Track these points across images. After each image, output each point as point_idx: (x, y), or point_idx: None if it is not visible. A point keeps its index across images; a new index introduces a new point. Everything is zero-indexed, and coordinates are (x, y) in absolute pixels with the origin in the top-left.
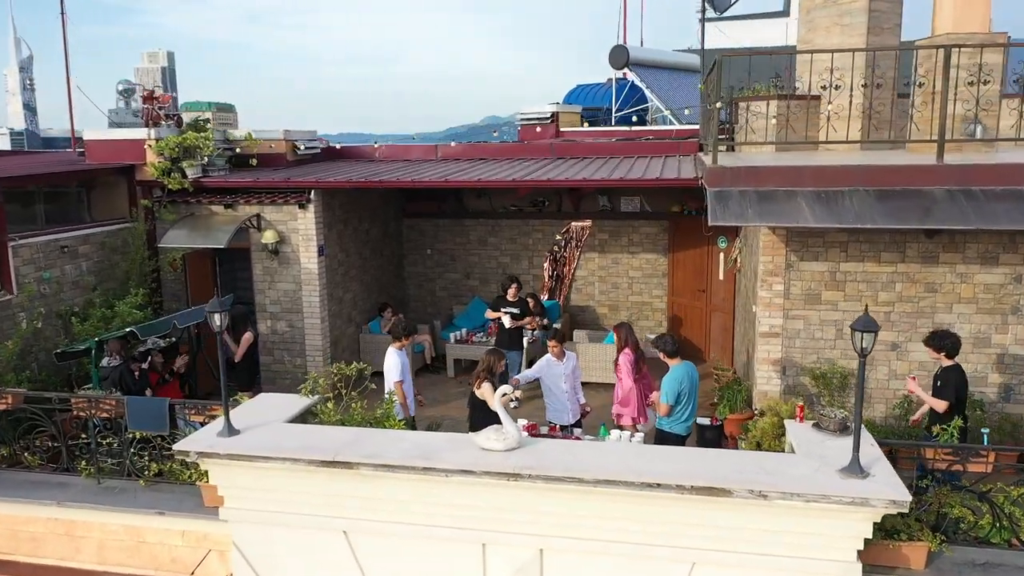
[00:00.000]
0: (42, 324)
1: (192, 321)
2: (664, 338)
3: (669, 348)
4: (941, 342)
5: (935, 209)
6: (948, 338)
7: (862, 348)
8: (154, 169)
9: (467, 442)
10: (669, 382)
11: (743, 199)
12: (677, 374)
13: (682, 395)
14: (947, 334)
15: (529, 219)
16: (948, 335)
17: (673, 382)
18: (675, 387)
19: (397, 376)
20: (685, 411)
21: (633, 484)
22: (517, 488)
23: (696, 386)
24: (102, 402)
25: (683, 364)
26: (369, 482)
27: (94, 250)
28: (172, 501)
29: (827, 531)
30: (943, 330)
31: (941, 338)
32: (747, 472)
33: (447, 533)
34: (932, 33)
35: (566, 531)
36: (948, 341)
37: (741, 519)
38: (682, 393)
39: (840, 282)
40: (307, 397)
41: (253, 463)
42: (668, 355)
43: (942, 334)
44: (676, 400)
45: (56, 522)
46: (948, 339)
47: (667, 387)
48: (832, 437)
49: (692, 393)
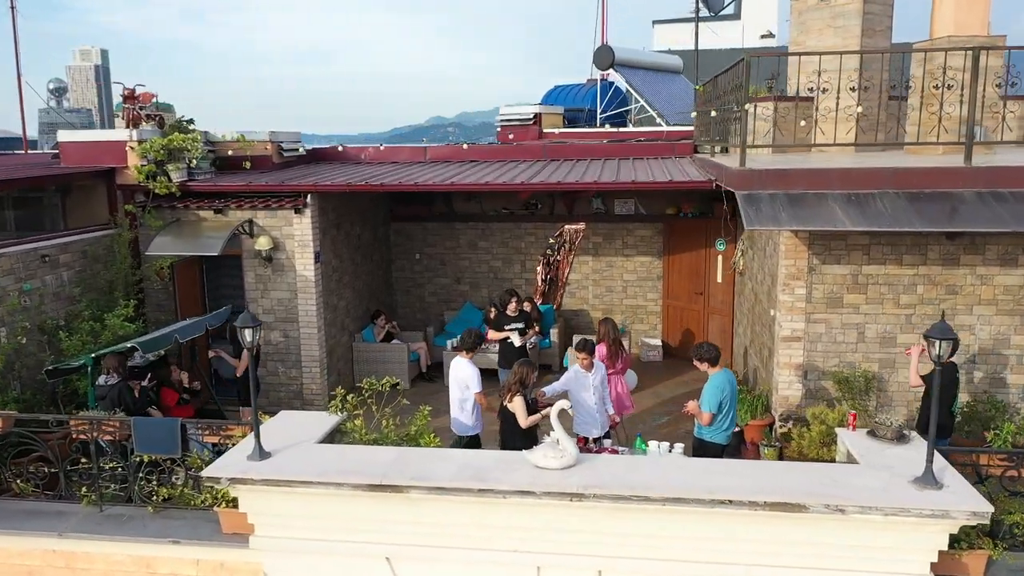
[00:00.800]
0: (25, 339)
1: (195, 334)
2: (703, 346)
3: (711, 356)
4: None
5: (967, 211)
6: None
7: (939, 356)
8: (138, 172)
9: (519, 460)
10: (710, 391)
11: (774, 202)
12: (718, 382)
13: (723, 403)
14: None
15: (521, 222)
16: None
17: (714, 390)
18: (716, 396)
19: (478, 387)
20: (726, 420)
21: (703, 501)
22: (576, 508)
23: (736, 394)
24: (105, 423)
25: (723, 372)
26: (416, 505)
27: (75, 259)
28: (185, 528)
29: (902, 544)
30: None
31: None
32: (818, 485)
33: (498, 556)
34: (931, 35)
35: (626, 551)
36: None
37: (812, 534)
38: (723, 401)
39: (862, 285)
40: (335, 414)
41: (291, 488)
42: (710, 363)
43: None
44: (718, 408)
45: (54, 554)
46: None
47: (708, 396)
48: (890, 446)
49: (732, 401)
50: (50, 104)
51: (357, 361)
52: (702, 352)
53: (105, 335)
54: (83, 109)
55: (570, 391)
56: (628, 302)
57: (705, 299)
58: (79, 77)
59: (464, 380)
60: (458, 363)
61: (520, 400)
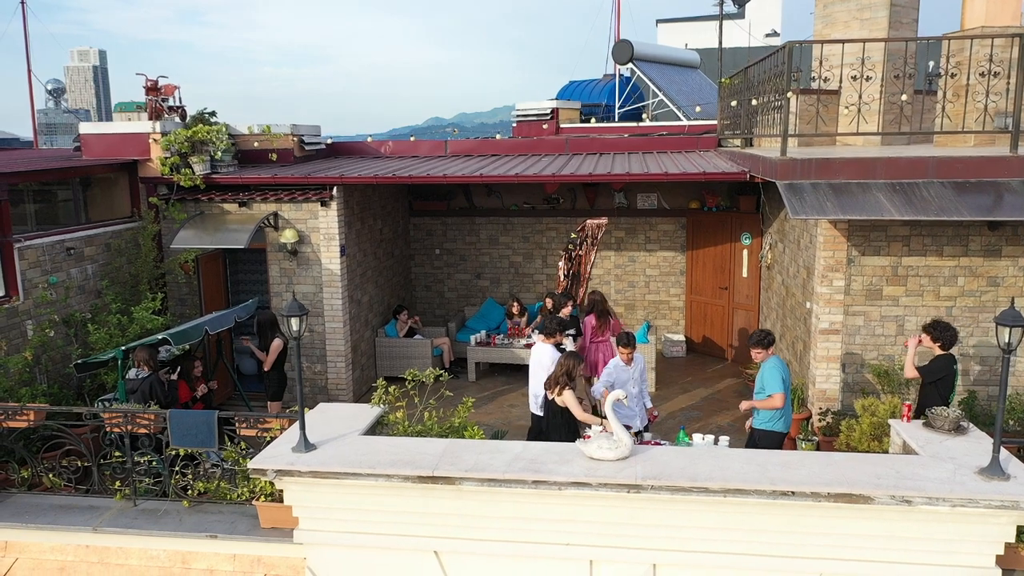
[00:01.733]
0: (53, 332)
1: (223, 327)
2: (760, 332)
3: (767, 340)
4: (942, 333)
5: (1014, 201)
6: (949, 330)
7: (1008, 343)
8: (162, 165)
9: (573, 452)
10: (772, 372)
11: (817, 192)
12: (776, 362)
13: (786, 383)
14: (948, 326)
15: (542, 217)
16: (949, 327)
17: (776, 371)
18: (779, 375)
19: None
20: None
21: (765, 492)
22: (632, 500)
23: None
24: (140, 417)
25: (776, 356)
26: (466, 498)
27: (99, 252)
28: (222, 523)
29: (967, 536)
30: (944, 322)
31: (943, 329)
32: (884, 477)
33: (551, 550)
34: (962, 26)
35: (682, 544)
36: (948, 333)
37: (876, 526)
38: (786, 380)
39: (902, 276)
40: (377, 406)
41: (340, 481)
42: (764, 347)
43: (944, 325)
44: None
45: (87, 549)
46: (949, 331)
47: (771, 378)
48: (948, 437)
49: (789, 387)
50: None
51: (380, 356)
52: (754, 339)
53: (132, 328)
54: (81, 110)
55: (614, 384)
56: (651, 297)
57: (730, 294)
58: (77, 78)
59: (547, 364)
60: (541, 348)
61: (571, 393)
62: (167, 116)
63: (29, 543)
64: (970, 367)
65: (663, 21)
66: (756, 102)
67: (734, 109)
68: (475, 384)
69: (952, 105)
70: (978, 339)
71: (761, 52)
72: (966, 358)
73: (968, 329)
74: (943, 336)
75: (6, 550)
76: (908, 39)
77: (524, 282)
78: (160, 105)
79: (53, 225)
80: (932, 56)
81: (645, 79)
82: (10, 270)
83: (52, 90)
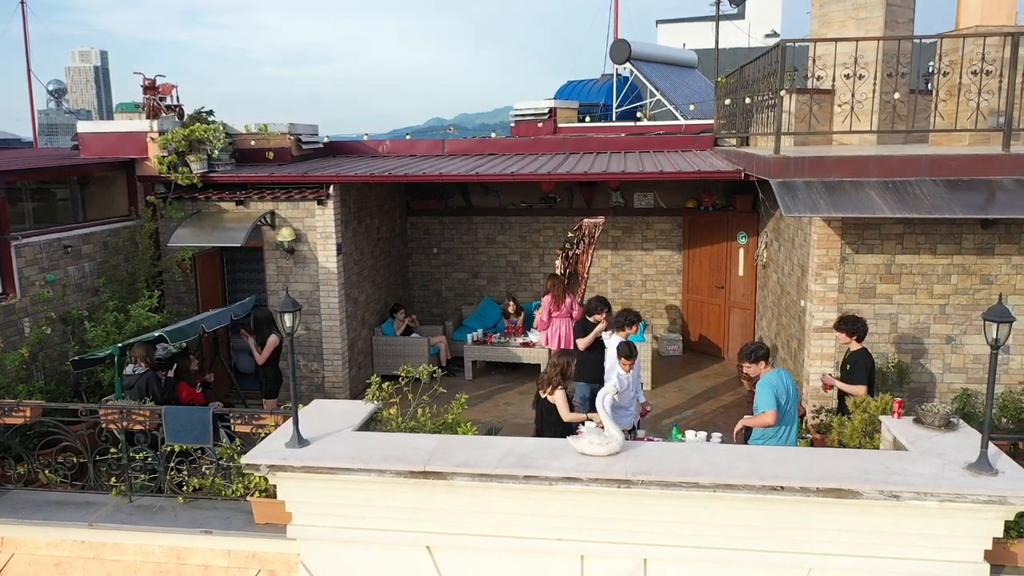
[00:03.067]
0: (50, 330)
1: (219, 324)
2: (745, 347)
3: (755, 354)
4: (853, 326)
5: (1006, 199)
6: (859, 323)
7: (995, 339)
8: (159, 163)
9: (564, 447)
10: (762, 387)
11: (810, 189)
12: (770, 378)
13: (780, 399)
14: (857, 319)
15: (539, 216)
16: (859, 320)
17: (766, 387)
18: (770, 391)
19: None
20: (786, 427)
21: (754, 488)
22: (623, 495)
23: (796, 397)
24: (136, 412)
25: (775, 371)
26: (458, 493)
27: (96, 250)
28: (217, 519)
29: (955, 531)
30: (852, 315)
31: (853, 323)
32: (872, 472)
33: (542, 545)
34: (957, 25)
35: (673, 539)
36: (860, 325)
37: (865, 521)
38: (779, 397)
39: (895, 275)
40: (370, 403)
41: (333, 476)
42: (751, 361)
43: (853, 319)
44: (778, 405)
45: (83, 545)
46: (859, 323)
47: (761, 394)
48: (938, 433)
49: (792, 405)
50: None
51: (377, 355)
52: (749, 352)
53: (129, 326)
54: (82, 110)
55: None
56: (647, 296)
57: (726, 293)
58: (78, 78)
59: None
60: (615, 342)
61: (561, 393)
62: (164, 115)
63: (25, 539)
64: (964, 364)
65: (663, 21)
66: (750, 101)
67: (730, 108)
68: (471, 382)
69: (945, 104)
70: (971, 337)
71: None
72: (960, 356)
73: (961, 327)
74: (858, 329)
75: (2, 546)
76: (901, 38)
77: (521, 281)
78: (157, 104)
79: (51, 223)
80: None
81: (643, 79)
82: (7, 268)
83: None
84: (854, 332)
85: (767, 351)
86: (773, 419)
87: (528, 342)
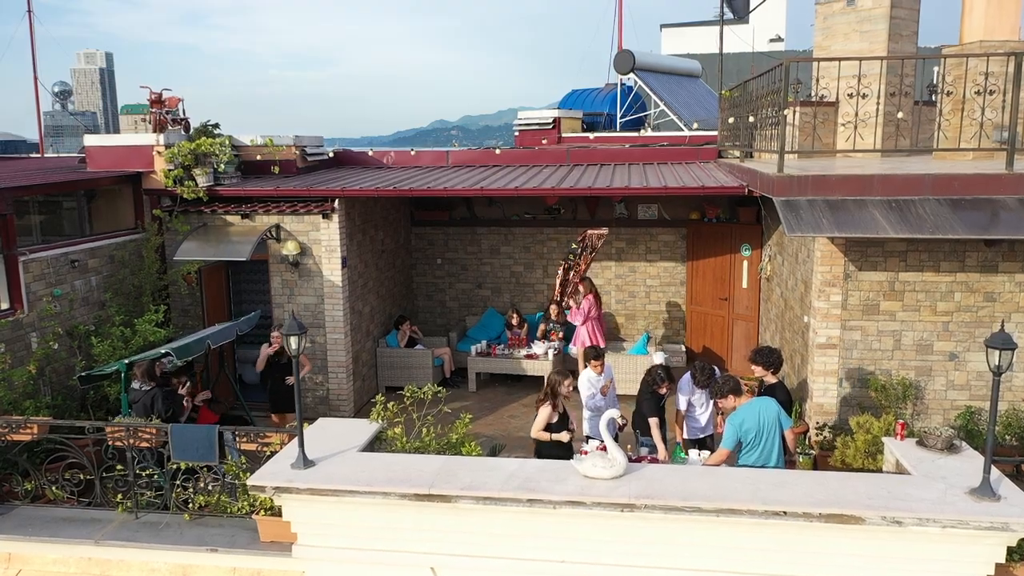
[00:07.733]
0: (56, 345)
1: (225, 340)
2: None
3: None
4: (768, 359)
5: (1010, 219)
6: (774, 354)
7: (997, 366)
8: (165, 177)
9: (567, 469)
10: (728, 423)
11: (813, 208)
12: (736, 415)
13: (747, 436)
14: (773, 350)
15: (543, 227)
16: (774, 351)
17: (729, 423)
18: (732, 431)
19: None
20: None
21: (757, 512)
22: (626, 518)
23: (773, 426)
24: (142, 430)
25: (751, 402)
26: (462, 515)
27: (103, 264)
28: (223, 537)
29: (958, 556)
30: (768, 347)
31: (768, 355)
32: (875, 497)
33: (545, 568)
34: (961, 40)
35: (676, 562)
36: (775, 357)
37: (867, 546)
38: (745, 435)
39: (899, 292)
40: (375, 422)
41: (338, 498)
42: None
43: (768, 351)
44: (735, 445)
45: (90, 561)
46: (775, 355)
47: (726, 430)
48: (941, 456)
49: (766, 434)
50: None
51: (381, 367)
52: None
53: (136, 340)
54: (88, 112)
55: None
56: (651, 307)
57: (730, 305)
58: (84, 80)
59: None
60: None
61: (545, 410)
62: (171, 128)
63: (32, 555)
64: (968, 381)
65: (667, 26)
66: (753, 119)
67: (733, 121)
68: (475, 394)
69: (948, 121)
70: (974, 354)
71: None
72: (963, 373)
73: (964, 344)
74: (772, 361)
75: (10, 562)
76: (905, 56)
77: (525, 292)
78: (164, 117)
79: (57, 236)
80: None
81: (647, 89)
82: (15, 283)
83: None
84: (770, 364)
85: (735, 384)
86: (725, 457)
87: (532, 354)
